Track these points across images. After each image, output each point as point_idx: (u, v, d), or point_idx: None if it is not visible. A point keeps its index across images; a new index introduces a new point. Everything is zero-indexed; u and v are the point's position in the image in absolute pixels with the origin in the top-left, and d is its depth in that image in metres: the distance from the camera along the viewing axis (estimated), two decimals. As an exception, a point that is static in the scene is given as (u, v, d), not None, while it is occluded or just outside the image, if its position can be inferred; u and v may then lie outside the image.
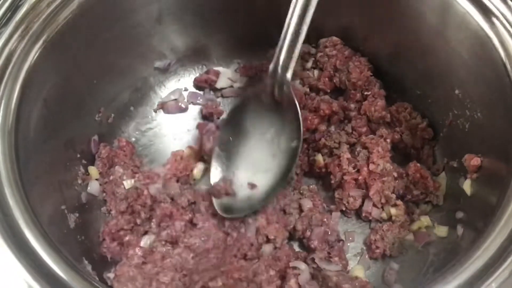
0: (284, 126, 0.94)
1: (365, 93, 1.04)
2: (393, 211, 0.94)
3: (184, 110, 1.12)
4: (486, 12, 0.80)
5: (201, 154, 1.03)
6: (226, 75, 1.14)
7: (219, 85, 1.13)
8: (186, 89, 1.14)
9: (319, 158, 1.00)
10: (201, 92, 1.14)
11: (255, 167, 0.95)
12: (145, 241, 0.90)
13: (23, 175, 0.71)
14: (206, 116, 1.11)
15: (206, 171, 1.03)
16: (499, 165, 0.78)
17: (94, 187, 0.96)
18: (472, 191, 0.86)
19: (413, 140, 1.01)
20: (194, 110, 1.12)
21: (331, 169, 0.97)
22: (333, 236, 0.92)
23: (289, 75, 0.91)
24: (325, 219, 0.94)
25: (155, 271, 0.85)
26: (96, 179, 0.97)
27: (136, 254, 0.88)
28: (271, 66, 0.92)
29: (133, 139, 1.07)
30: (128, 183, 0.97)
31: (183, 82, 1.14)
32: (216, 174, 0.95)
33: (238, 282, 0.83)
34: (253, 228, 0.91)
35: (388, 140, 0.98)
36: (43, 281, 0.60)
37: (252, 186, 0.93)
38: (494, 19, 0.79)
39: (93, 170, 0.97)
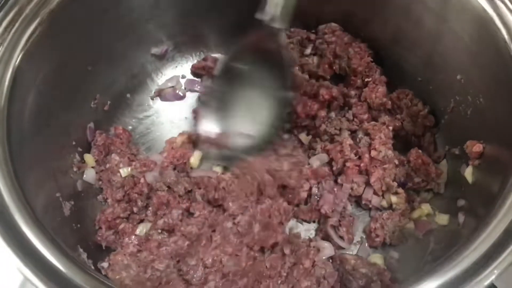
0: (275, 77, 0.89)
1: (366, 79, 1.03)
2: (393, 199, 0.93)
3: (181, 97, 1.11)
4: (489, -6, 0.78)
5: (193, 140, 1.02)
6: (224, 62, 1.12)
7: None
8: (183, 76, 1.12)
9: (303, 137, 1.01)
10: (199, 79, 1.12)
11: (247, 118, 0.92)
12: (141, 229, 0.89)
13: (16, 162, 0.69)
14: (204, 104, 1.09)
15: (203, 159, 1.01)
16: (501, 151, 0.77)
17: (90, 175, 0.94)
18: (474, 178, 0.84)
19: (414, 128, 0.99)
20: (191, 98, 1.11)
21: (332, 156, 0.96)
22: (340, 206, 0.92)
23: (277, 23, 0.84)
24: (335, 189, 0.94)
25: (151, 259, 0.85)
26: (92, 167, 0.95)
27: (132, 242, 0.88)
28: (258, 14, 0.85)
29: (130, 127, 1.06)
30: (124, 171, 0.95)
31: (180, 69, 1.12)
32: (207, 123, 0.92)
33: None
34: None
35: (391, 128, 0.97)
36: (36, 270, 0.59)
37: (247, 136, 0.90)
38: (497, 1, 0.77)
39: (89, 158, 0.95)
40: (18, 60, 0.74)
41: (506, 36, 0.75)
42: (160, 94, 1.10)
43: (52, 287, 0.57)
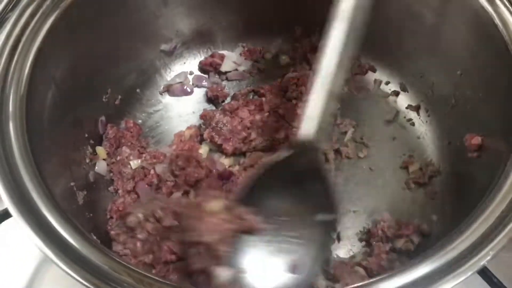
0: (313, 199, 0.77)
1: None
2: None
3: (189, 93, 1.14)
4: (489, -8, 0.81)
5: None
6: (231, 59, 1.15)
7: (224, 68, 1.14)
8: (191, 73, 1.15)
9: None
10: (206, 75, 1.15)
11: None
12: (151, 217, 0.92)
13: (35, 152, 0.71)
14: (211, 99, 1.12)
15: (211, 152, 1.04)
16: (499, 143, 0.79)
17: (101, 166, 0.97)
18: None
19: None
20: (199, 93, 1.14)
21: None
22: None
23: (314, 138, 0.74)
24: None
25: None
26: (104, 159, 0.98)
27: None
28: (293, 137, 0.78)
29: (140, 120, 1.08)
30: (134, 163, 0.99)
31: (188, 65, 1.15)
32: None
33: None
34: None
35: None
36: (57, 250, 0.61)
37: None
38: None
39: (101, 150, 0.98)
40: (35, 54, 0.77)
41: (505, 34, 0.78)
42: (169, 89, 1.13)
43: (72, 266, 0.60)
